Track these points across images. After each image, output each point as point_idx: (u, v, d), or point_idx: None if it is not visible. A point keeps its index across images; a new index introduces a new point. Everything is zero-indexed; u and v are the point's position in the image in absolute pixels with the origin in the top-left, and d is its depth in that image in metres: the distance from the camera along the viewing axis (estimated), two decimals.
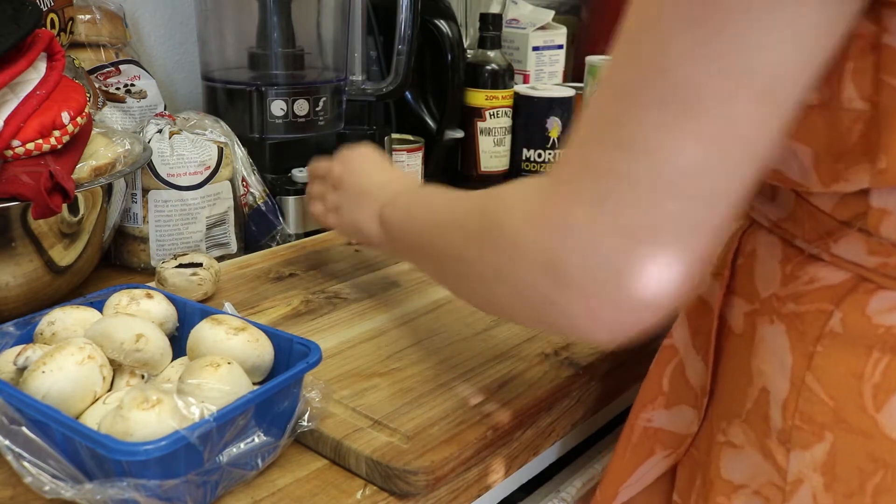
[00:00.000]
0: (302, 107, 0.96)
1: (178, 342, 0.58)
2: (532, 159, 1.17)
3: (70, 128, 0.69)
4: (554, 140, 1.16)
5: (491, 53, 1.15)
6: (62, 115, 0.68)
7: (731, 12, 0.34)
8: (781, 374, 0.46)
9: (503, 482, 0.58)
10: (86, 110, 0.72)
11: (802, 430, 0.45)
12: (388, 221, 0.62)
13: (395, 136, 1.07)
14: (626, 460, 0.58)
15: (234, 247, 0.89)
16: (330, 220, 0.72)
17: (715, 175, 0.37)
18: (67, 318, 0.55)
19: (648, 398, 0.58)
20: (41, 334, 0.55)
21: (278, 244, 0.90)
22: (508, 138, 1.17)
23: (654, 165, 0.37)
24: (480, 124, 1.16)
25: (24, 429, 0.46)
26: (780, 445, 0.46)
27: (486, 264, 0.44)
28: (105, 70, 0.94)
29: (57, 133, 0.67)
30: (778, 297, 0.48)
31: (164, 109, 0.98)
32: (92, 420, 0.48)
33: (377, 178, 0.68)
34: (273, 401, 0.50)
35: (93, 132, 0.76)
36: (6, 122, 0.65)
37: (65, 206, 0.66)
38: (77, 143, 0.71)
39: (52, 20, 0.85)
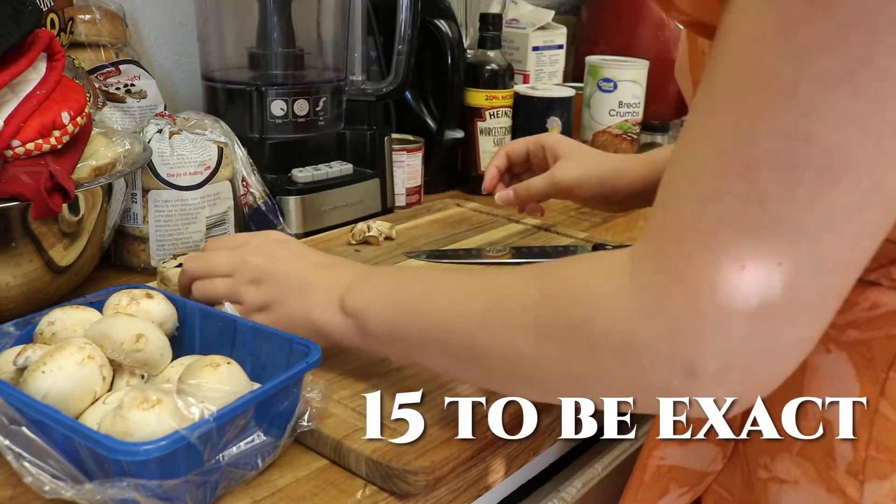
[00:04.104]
0: (302, 107, 0.96)
1: (178, 342, 0.58)
2: None
3: (70, 128, 0.69)
4: None
5: (491, 53, 1.15)
6: (62, 115, 0.68)
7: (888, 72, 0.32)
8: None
9: (503, 482, 0.58)
10: (86, 110, 0.72)
11: (879, 461, 0.44)
12: (360, 312, 0.54)
13: (395, 136, 1.07)
14: (639, 500, 0.57)
15: None
16: (259, 318, 0.58)
17: (862, 245, 0.35)
18: (67, 318, 0.55)
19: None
20: (41, 334, 0.55)
21: None
22: (508, 138, 1.17)
23: (810, 245, 0.34)
24: (480, 124, 1.16)
25: (24, 429, 0.46)
26: (852, 478, 0.45)
27: (575, 365, 0.40)
28: (105, 70, 0.94)
29: (57, 133, 0.67)
30: (835, 325, 0.45)
31: (164, 109, 0.98)
32: (92, 420, 0.48)
33: (317, 261, 0.59)
34: (273, 401, 0.50)
35: (93, 132, 0.76)
36: (6, 122, 0.65)
37: (65, 206, 0.66)
38: (77, 143, 0.71)
39: (52, 20, 0.85)
